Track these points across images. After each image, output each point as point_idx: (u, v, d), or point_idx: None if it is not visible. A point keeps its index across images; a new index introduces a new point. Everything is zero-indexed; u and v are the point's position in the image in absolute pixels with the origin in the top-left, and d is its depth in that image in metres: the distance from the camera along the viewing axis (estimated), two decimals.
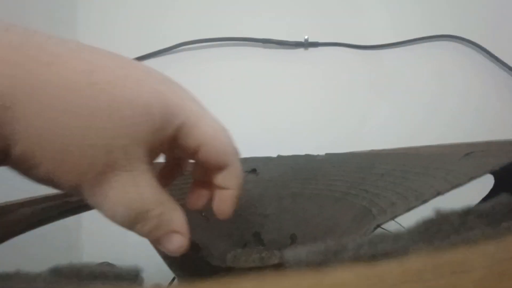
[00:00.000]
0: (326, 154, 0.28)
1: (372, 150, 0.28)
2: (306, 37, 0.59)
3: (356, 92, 0.58)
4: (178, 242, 0.15)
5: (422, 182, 0.17)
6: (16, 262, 0.43)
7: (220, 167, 0.17)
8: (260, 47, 0.58)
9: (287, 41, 0.59)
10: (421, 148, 0.25)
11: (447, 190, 0.15)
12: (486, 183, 0.21)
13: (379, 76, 0.58)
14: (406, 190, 0.18)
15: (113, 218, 0.14)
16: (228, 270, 0.20)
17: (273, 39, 0.59)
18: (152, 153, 0.14)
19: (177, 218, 0.15)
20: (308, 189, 0.24)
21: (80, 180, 0.12)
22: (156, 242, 0.15)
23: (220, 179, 0.17)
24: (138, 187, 0.13)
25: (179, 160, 0.21)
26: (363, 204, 0.18)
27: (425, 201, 0.15)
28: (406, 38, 0.57)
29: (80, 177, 0.12)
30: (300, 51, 0.60)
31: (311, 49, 0.59)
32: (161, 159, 0.19)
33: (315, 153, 0.39)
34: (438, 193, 0.15)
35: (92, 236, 0.63)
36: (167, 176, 0.21)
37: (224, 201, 0.18)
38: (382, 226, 0.17)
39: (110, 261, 0.56)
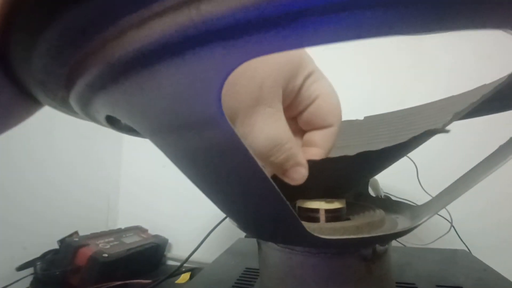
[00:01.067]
0: (365, 117, 0.28)
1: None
2: None
3: (396, 73, 0.56)
4: (302, 173, 0.17)
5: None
6: (64, 220, 0.48)
7: (323, 125, 0.18)
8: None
9: None
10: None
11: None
12: None
13: (421, 56, 0.55)
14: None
15: (256, 146, 0.15)
16: None
17: None
18: (284, 99, 0.17)
19: (300, 153, 0.17)
20: (352, 142, 0.24)
21: (238, 108, 0.14)
22: (283, 173, 0.17)
23: (315, 136, 0.18)
24: (277, 122, 0.16)
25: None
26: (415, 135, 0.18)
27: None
28: None
29: (238, 104, 0.14)
30: None
31: None
32: None
33: None
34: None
35: (128, 203, 0.69)
36: None
37: (309, 158, 0.18)
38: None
39: (142, 226, 0.61)
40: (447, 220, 0.43)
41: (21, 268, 0.46)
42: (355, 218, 0.21)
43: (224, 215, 0.51)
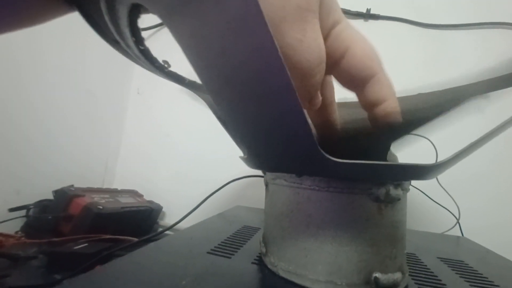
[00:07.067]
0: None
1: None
2: (368, 7, 0.57)
3: (408, 70, 0.55)
4: (320, 98, 0.17)
5: None
6: (59, 179, 0.47)
7: (367, 76, 0.17)
8: None
9: (348, 10, 0.57)
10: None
11: None
12: None
13: (435, 55, 0.55)
14: None
15: (307, 57, 0.14)
16: None
17: None
18: None
19: None
20: None
21: (285, 8, 0.13)
22: (312, 98, 0.16)
23: (370, 92, 0.17)
24: (321, 37, 0.14)
25: None
26: None
27: None
28: (468, 21, 0.53)
29: (287, 3, 0.13)
30: (360, 22, 0.58)
31: (371, 21, 0.57)
32: None
33: None
34: None
35: (125, 169, 0.68)
36: None
37: (387, 115, 0.17)
38: None
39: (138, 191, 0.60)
40: (455, 216, 0.43)
41: (14, 209, 0.45)
42: None
43: (219, 187, 0.50)
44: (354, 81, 0.17)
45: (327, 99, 0.20)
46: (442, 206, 0.44)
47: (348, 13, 0.57)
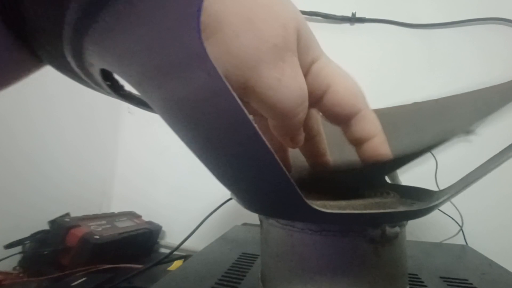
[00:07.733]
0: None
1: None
2: (354, 11, 0.56)
3: (399, 72, 0.55)
4: (303, 135, 0.17)
5: None
6: (58, 201, 0.46)
7: (350, 113, 0.16)
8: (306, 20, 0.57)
9: (334, 15, 0.57)
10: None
11: None
12: None
13: (424, 55, 0.54)
14: None
15: (287, 97, 0.14)
16: None
17: (320, 12, 0.57)
18: None
19: None
20: None
21: (261, 50, 0.12)
22: (295, 136, 0.16)
23: (355, 129, 0.16)
24: (301, 74, 0.14)
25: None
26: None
27: None
28: (455, 19, 0.53)
29: (262, 43, 0.12)
30: (346, 26, 0.57)
31: (357, 25, 0.57)
32: None
33: None
34: None
35: (123, 188, 0.67)
36: None
37: (376, 151, 0.16)
38: None
39: (136, 212, 0.60)
40: (457, 223, 0.42)
41: (9, 246, 0.45)
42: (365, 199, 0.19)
43: (219, 204, 0.50)
44: (338, 118, 0.17)
45: (313, 131, 0.19)
46: (444, 213, 0.43)
47: (334, 18, 0.57)
